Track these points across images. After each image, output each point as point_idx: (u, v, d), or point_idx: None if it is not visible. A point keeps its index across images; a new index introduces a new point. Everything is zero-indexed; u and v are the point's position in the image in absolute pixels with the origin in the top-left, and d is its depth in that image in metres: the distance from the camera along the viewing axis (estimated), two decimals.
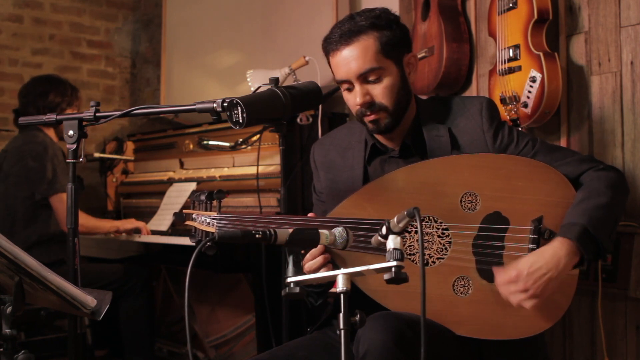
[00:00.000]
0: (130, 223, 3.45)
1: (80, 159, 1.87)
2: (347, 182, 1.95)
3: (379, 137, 1.94)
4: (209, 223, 1.87)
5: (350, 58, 1.81)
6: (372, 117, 1.84)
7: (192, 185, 3.42)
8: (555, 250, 1.65)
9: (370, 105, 1.83)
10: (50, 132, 3.47)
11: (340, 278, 1.35)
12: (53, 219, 3.32)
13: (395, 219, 1.39)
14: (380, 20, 1.83)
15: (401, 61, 1.86)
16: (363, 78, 1.82)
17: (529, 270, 1.63)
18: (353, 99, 1.84)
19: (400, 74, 1.85)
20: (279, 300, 2.35)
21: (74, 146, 1.85)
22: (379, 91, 1.82)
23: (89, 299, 1.52)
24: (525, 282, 1.62)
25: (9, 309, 1.49)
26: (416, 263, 1.73)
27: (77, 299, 1.51)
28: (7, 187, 3.38)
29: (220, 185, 3.27)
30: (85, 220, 3.35)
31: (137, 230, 3.42)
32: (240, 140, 3.18)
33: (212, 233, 1.84)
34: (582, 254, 1.66)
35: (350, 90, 1.86)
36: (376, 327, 1.57)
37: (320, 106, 2.96)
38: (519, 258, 1.68)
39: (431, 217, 1.75)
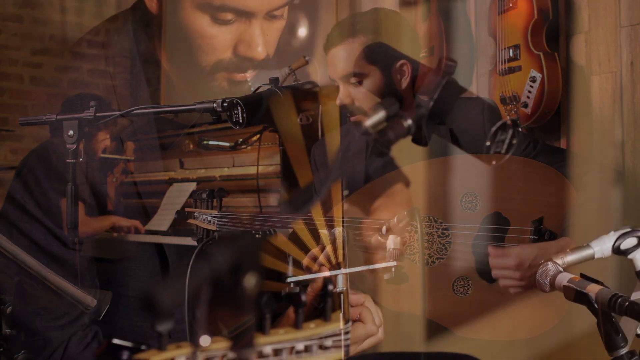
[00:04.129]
0: (126, 220, 3.48)
1: (80, 159, 1.87)
2: (348, 183, 1.95)
3: None
4: (210, 221, 1.88)
5: (336, 59, 1.84)
6: (354, 118, 1.86)
7: (192, 185, 3.42)
8: (561, 250, 1.65)
9: (350, 107, 1.84)
10: None
11: (340, 278, 1.35)
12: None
13: (395, 219, 1.40)
14: (375, 24, 1.83)
15: (390, 67, 1.84)
16: (346, 80, 1.83)
17: (532, 263, 1.62)
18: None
19: (386, 80, 1.84)
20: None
21: (74, 146, 1.85)
22: (360, 95, 1.83)
23: (89, 299, 1.52)
24: (523, 273, 1.62)
25: (9, 309, 1.49)
26: (416, 263, 1.72)
27: (77, 299, 1.51)
28: (37, 178, 3.39)
29: (220, 185, 3.27)
30: (86, 228, 3.37)
31: (136, 230, 3.43)
32: (240, 140, 3.18)
33: (213, 231, 1.86)
34: None
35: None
36: None
37: (320, 106, 2.95)
38: (521, 244, 1.68)
39: (431, 217, 1.75)
